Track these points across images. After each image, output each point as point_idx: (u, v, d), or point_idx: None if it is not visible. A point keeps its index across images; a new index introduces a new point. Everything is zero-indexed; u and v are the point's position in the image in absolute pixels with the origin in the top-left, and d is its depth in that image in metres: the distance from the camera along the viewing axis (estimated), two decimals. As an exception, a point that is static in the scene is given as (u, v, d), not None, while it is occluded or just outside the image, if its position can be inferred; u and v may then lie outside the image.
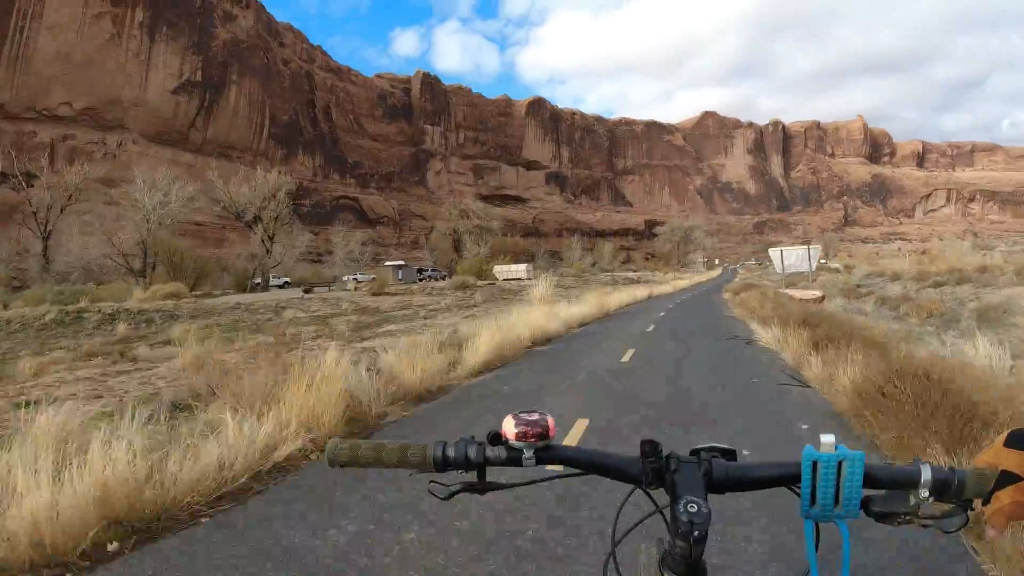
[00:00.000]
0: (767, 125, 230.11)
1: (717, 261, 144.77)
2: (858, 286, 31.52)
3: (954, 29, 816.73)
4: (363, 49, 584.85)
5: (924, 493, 0.79)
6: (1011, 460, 0.75)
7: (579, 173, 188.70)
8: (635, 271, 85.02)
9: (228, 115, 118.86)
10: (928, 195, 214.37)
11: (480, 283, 47.32)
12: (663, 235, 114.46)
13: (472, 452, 0.88)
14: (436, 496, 0.88)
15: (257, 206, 55.62)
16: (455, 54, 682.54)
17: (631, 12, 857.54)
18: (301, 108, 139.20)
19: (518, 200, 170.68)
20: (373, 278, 64.85)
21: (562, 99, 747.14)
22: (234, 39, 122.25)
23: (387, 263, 73.62)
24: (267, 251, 55.02)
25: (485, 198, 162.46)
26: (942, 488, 0.80)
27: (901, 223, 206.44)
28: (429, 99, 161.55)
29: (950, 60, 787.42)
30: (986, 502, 0.79)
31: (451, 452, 0.88)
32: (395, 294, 39.04)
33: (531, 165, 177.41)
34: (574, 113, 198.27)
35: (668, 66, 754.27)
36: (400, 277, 65.84)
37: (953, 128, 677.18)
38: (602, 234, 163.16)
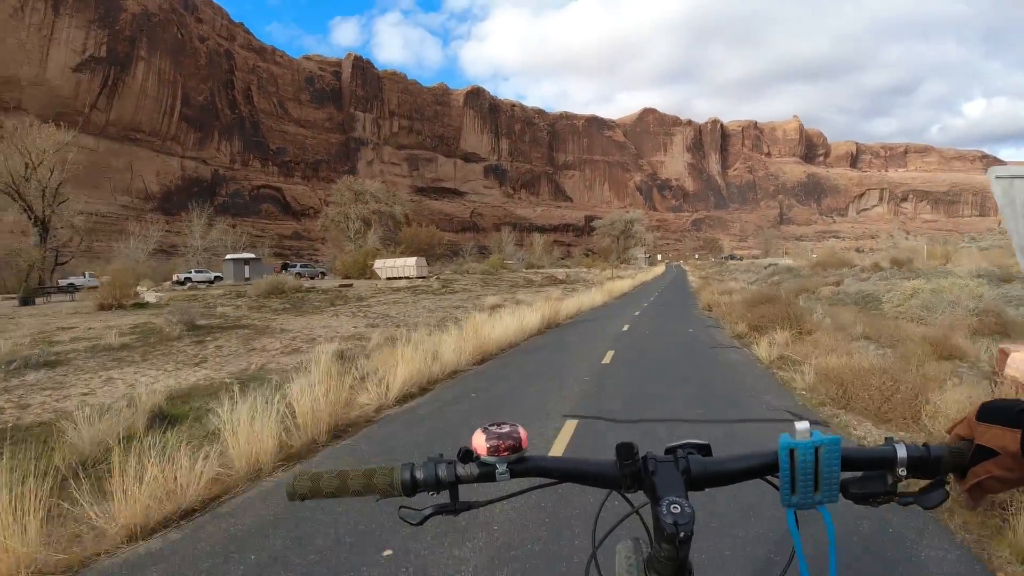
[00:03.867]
0: (706, 123, 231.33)
1: (660, 256, 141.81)
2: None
3: (885, 38, 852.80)
4: (301, 38, 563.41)
5: (901, 472, 0.79)
6: (985, 434, 0.74)
7: (519, 167, 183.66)
8: (568, 268, 77.91)
9: (134, 95, 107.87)
10: (861, 194, 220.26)
11: (321, 285, 35.31)
12: (601, 229, 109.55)
13: (443, 472, 0.84)
14: (408, 522, 0.83)
15: (12, 174, 36.35)
16: (397, 46, 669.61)
17: (571, 13, 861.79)
18: (218, 89, 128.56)
19: (456, 193, 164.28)
20: (218, 276, 50.55)
21: (504, 95, 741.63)
22: (144, 12, 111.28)
23: (228, 256, 55.16)
24: (41, 239, 38.12)
25: (421, 190, 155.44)
26: (918, 465, 0.79)
27: (835, 221, 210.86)
28: (361, 84, 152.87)
29: (881, 67, 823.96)
30: (963, 476, 0.78)
31: (420, 474, 0.84)
32: (146, 306, 23.84)
33: (469, 157, 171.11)
34: (514, 105, 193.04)
35: (608, 67, 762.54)
36: (247, 275, 49.46)
37: (883, 133, 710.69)
38: (542, 229, 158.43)
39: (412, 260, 51.20)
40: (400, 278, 47.83)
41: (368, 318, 20.40)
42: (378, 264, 51.37)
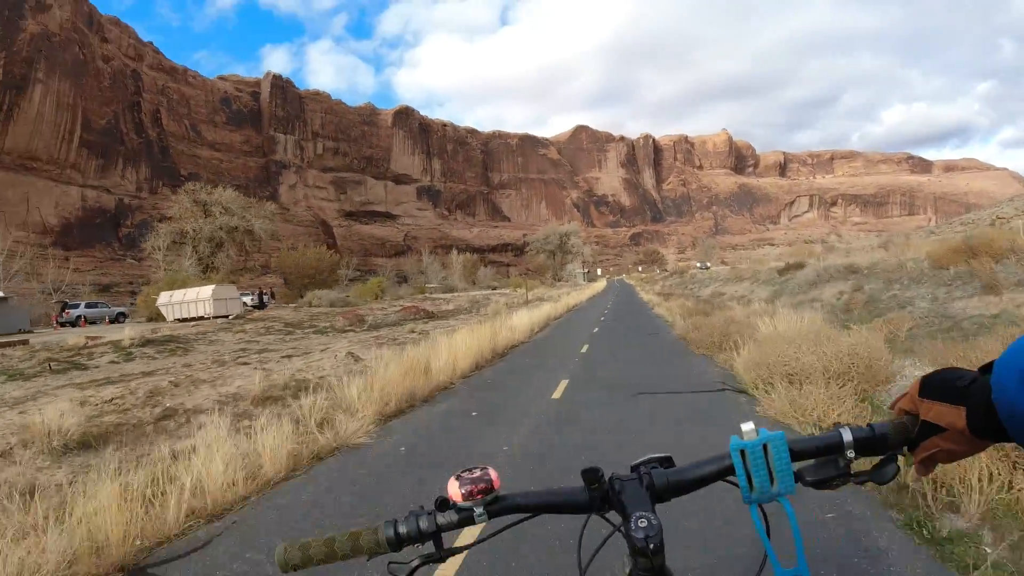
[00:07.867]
0: (638, 139, 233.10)
1: (600, 271, 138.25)
2: None
3: (803, 55, 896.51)
4: (232, 65, 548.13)
5: (850, 454, 0.82)
6: (930, 411, 0.76)
7: (453, 187, 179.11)
8: (493, 288, 70.62)
9: (30, 120, 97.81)
10: (792, 202, 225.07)
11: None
12: (535, 244, 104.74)
13: (424, 523, 0.86)
14: None
15: None
16: (329, 73, 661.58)
17: (503, 39, 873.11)
18: (124, 112, 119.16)
19: (387, 216, 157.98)
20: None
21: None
22: (44, 32, 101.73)
23: None
24: None
25: (350, 215, 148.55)
26: (865, 446, 0.83)
27: (768, 229, 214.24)
28: (281, 104, 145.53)
29: (801, 82, 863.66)
30: (911, 449, 0.81)
31: (403, 528, 0.86)
32: None
33: (400, 179, 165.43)
34: (445, 125, 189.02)
35: (541, 90, 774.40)
36: None
37: (805, 143, 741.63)
38: (480, 250, 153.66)
39: (208, 290, 36.34)
40: (193, 318, 35.07)
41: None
42: (163, 299, 37.71)
